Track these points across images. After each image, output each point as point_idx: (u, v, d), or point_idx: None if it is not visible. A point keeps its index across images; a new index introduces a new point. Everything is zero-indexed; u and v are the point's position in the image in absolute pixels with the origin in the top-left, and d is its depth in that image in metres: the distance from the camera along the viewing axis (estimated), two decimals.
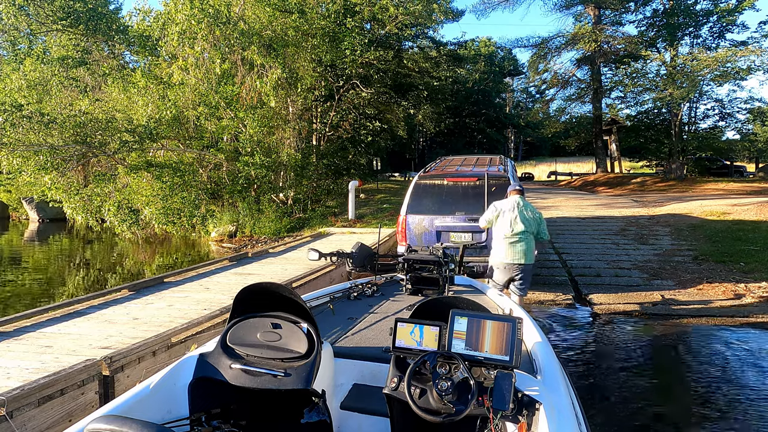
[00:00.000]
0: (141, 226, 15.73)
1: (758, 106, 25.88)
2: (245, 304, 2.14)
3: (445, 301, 2.12)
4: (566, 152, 45.99)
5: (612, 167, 31.06)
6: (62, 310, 5.11)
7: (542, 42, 30.53)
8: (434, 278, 3.49)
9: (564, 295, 7.53)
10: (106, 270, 11.97)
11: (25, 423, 3.01)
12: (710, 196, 17.43)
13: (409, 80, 24.93)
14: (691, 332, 6.06)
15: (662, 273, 8.41)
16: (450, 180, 7.34)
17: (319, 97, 20.20)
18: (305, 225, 15.21)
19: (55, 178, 14.53)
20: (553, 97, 34.15)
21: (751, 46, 23.02)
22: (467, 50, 45.50)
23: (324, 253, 3.70)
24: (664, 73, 24.56)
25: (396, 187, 23.82)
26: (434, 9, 19.17)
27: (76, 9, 18.66)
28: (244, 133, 15.24)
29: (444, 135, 48.71)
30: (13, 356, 3.83)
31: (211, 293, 6.01)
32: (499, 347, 1.85)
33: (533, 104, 51.92)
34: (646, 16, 27.86)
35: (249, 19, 15.53)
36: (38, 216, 25.01)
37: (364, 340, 2.63)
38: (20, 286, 10.23)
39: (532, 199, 17.19)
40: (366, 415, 2.21)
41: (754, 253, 9.13)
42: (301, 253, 9.11)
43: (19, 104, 14.80)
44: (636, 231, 11.64)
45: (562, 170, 37.24)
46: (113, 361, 3.62)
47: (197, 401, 2.01)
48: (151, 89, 15.11)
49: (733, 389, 4.45)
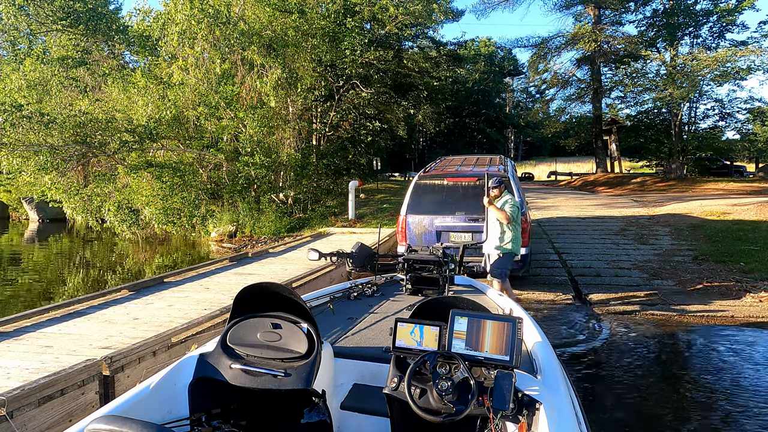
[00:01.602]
0: (141, 226, 15.73)
1: (758, 106, 25.88)
2: (245, 304, 2.14)
3: (445, 301, 2.12)
4: (566, 152, 45.99)
5: (612, 167, 31.06)
6: (62, 310, 5.11)
7: (542, 42, 30.53)
8: (434, 278, 3.49)
9: (564, 295, 7.53)
10: (106, 270, 11.97)
11: (25, 423, 3.01)
12: (710, 196, 17.43)
13: (409, 80, 24.93)
14: (690, 332, 6.06)
15: (662, 273, 8.41)
16: (450, 180, 7.34)
17: (319, 97, 20.20)
18: (305, 225, 15.22)
19: (55, 178, 14.53)
20: (553, 97, 34.20)
21: (751, 46, 23.03)
22: (467, 50, 45.50)
23: (324, 253, 3.70)
24: (664, 73, 24.57)
25: (396, 187, 23.82)
26: (434, 9, 19.17)
27: (76, 9, 18.68)
28: (244, 133, 15.24)
29: (444, 135, 48.73)
30: (13, 356, 3.83)
31: (211, 293, 6.01)
32: (499, 347, 1.85)
33: (533, 104, 51.97)
34: (646, 16, 27.91)
35: (249, 19, 15.53)
36: (38, 216, 25.01)
37: (364, 340, 2.63)
38: (20, 286, 10.23)
39: (531, 200, 17.21)
40: (366, 415, 2.21)
41: (754, 253, 9.13)
42: (301, 253, 9.11)
43: (19, 104, 14.80)
44: (636, 231, 11.64)
45: (562, 170, 37.26)
46: (113, 361, 3.62)
47: (197, 401, 2.01)
48: (151, 89, 15.11)
49: (733, 388, 4.45)
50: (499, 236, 5.77)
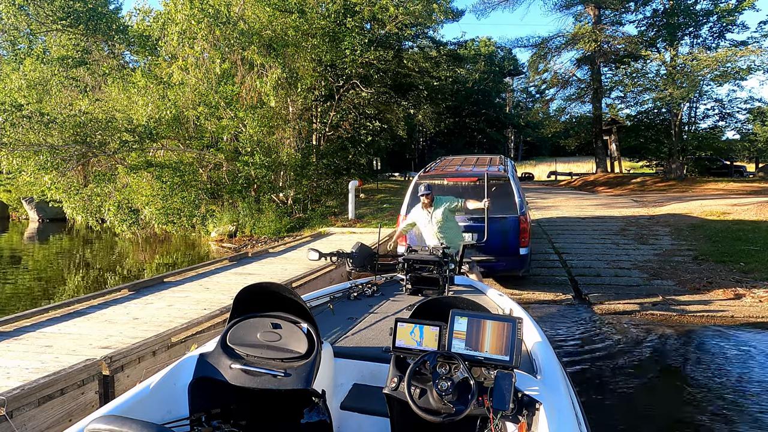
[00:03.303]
0: (141, 226, 15.73)
1: (758, 106, 25.89)
2: (245, 304, 2.14)
3: (445, 301, 2.12)
4: (566, 152, 45.99)
5: (612, 167, 31.06)
6: (62, 310, 5.11)
7: (542, 42, 30.53)
8: (434, 278, 3.49)
9: (564, 295, 7.53)
10: (106, 270, 11.97)
11: (25, 423, 3.01)
12: (710, 196, 17.43)
13: (409, 80, 24.93)
14: (690, 332, 6.06)
15: (662, 273, 8.41)
16: (450, 180, 7.34)
17: (319, 97, 20.20)
18: (305, 225, 15.21)
19: (55, 178, 14.53)
20: (553, 97, 34.19)
21: (751, 46, 23.02)
22: (467, 50, 45.48)
23: (324, 253, 3.70)
24: (664, 73, 24.56)
25: (396, 187, 23.82)
26: (434, 9, 19.16)
27: (76, 9, 18.68)
28: (244, 132, 15.24)
29: (444, 135, 48.71)
30: (13, 356, 3.83)
31: (211, 293, 6.01)
32: (499, 347, 1.85)
33: (533, 104, 51.95)
34: (646, 16, 27.90)
35: (249, 19, 15.53)
36: (38, 216, 25.02)
37: (364, 340, 2.63)
38: (20, 286, 10.23)
39: (531, 199, 17.20)
40: (366, 415, 2.21)
41: (754, 253, 9.13)
42: (301, 253, 9.10)
43: (19, 104, 14.81)
44: (636, 231, 11.64)
45: (562, 170, 37.25)
46: (113, 361, 3.62)
47: (197, 401, 2.01)
48: (151, 89, 15.11)
49: (733, 388, 4.45)
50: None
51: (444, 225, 5.50)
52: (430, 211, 5.70)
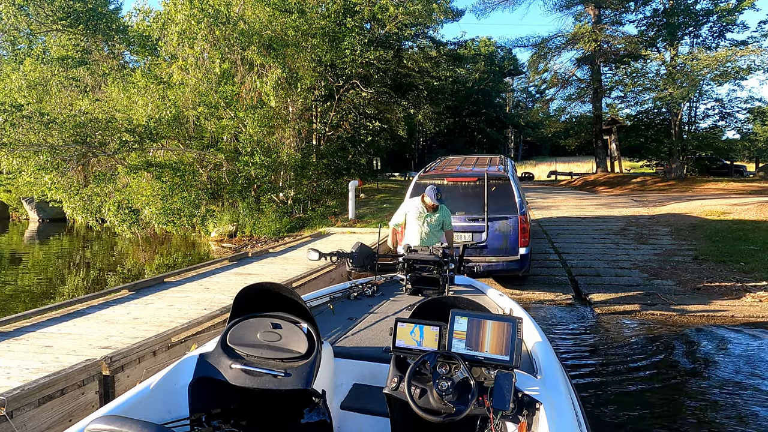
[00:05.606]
0: (141, 226, 15.72)
1: (758, 105, 25.88)
2: (245, 304, 2.14)
3: (445, 301, 2.12)
4: (566, 152, 45.98)
5: (612, 167, 31.06)
6: (62, 310, 5.11)
7: (542, 42, 30.52)
8: (434, 278, 3.49)
9: (564, 295, 7.53)
10: (106, 270, 11.97)
11: (25, 423, 3.01)
12: (710, 196, 17.43)
13: (409, 80, 24.93)
14: (690, 332, 6.06)
15: (662, 273, 8.41)
16: (450, 180, 7.34)
17: (319, 97, 20.19)
18: (305, 225, 15.21)
19: (55, 178, 14.53)
20: (553, 96, 34.18)
21: (751, 46, 23.01)
22: (467, 50, 45.45)
23: (324, 253, 3.70)
24: (664, 73, 24.55)
25: (396, 187, 23.82)
26: (434, 9, 19.17)
27: (76, 9, 18.70)
28: (244, 133, 15.24)
29: (444, 135, 48.72)
30: (13, 356, 3.83)
31: (211, 293, 6.01)
32: (499, 347, 1.85)
33: (533, 104, 51.91)
34: (646, 16, 27.88)
35: (249, 19, 15.53)
36: (38, 216, 25.00)
37: (364, 340, 2.63)
38: (20, 286, 10.23)
39: (532, 199, 17.21)
40: (366, 415, 2.21)
41: (754, 252, 9.12)
42: (301, 253, 9.10)
43: (19, 104, 14.80)
44: (636, 231, 11.64)
45: (562, 170, 37.27)
46: (113, 361, 3.62)
47: (197, 401, 2.01)
48: (151, 89, 15.11)
49: (732, 388, 4.45)
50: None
51: (432, 232, 5.31)
52: (430, 212, 5.60)
